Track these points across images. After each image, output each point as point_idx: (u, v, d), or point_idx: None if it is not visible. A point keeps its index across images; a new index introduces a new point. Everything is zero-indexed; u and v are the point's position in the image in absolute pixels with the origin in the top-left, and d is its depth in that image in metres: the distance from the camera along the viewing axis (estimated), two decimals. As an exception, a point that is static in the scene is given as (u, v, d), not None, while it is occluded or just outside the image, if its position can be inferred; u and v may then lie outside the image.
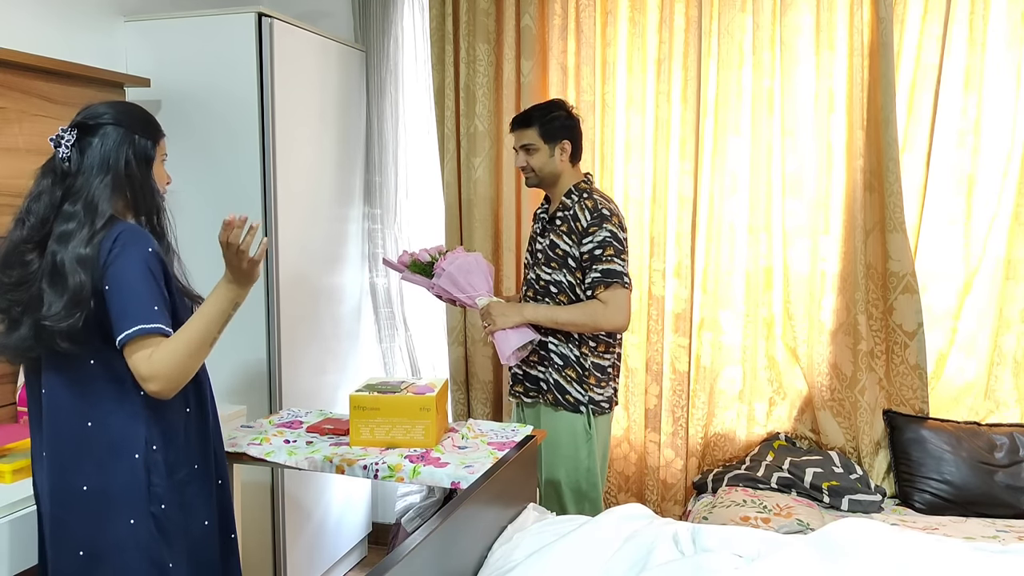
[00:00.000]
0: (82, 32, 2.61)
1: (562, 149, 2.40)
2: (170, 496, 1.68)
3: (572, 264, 2.36)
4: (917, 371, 2.84)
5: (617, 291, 2.30)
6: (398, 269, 2.57)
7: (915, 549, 1.53)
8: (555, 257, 2.39)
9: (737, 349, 3.04)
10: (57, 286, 1.58)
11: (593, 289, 2.32)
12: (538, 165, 2.41)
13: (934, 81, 2.78)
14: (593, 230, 2.31)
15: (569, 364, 2.39)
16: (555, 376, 2.40)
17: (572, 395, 2.39)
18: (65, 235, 1.61)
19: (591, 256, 2.31)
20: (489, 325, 2.38)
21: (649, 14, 3.00)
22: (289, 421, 2.25)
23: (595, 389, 2.40)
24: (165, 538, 1.67)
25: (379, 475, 1.90)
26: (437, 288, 2.45)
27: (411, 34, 3.30)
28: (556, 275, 2.39)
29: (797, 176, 2.92)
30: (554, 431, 2.41)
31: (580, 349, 2.39)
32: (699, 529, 1.73)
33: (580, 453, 2.40)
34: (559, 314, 2.35)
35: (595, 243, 2.31)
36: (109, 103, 1.75)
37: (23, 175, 2.31)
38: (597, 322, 2.33)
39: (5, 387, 2.29)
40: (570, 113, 2.45)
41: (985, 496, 2.67)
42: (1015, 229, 2.80)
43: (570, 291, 2.38)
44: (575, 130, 2.44)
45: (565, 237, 2.37)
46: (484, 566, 1.72)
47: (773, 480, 2.73)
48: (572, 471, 2.40)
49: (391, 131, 3.29)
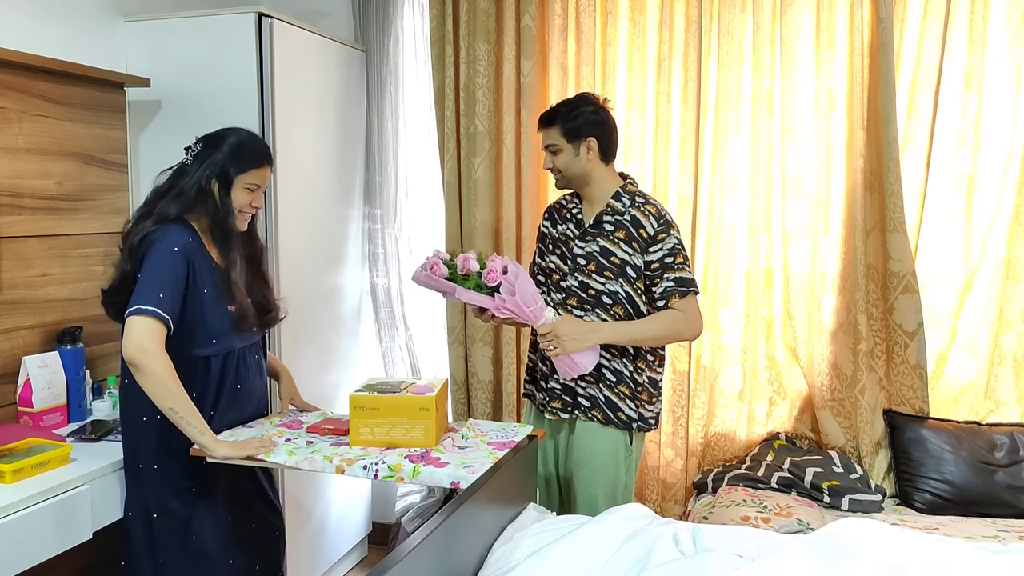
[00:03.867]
0: (82, 32, 2.61)
1: (588, 147, 2.23)
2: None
3: (632, 274, 2.21)
4: (917, 371, 2.84)
5: (691, 299, 2.21)
6: (444, 290, 2.16)
7: (915, 549, 1.53)
8: (610, 266, 2.22)
9: (737, 349, 3.04)
10: (116, 267, 2.03)
11: (667, 299, 2.19)
12: (563, 165, 2.26)
13: (934, 81, 2.78)
14: (662, 237, 2.20)
15: (622, 380, 2.25)
16: (607, 393, 2.25)
17: (624, 412, 2.25)
18: (137, 227, 2.00)
19: (662, 265, 2.19)
20: (555, 348, 2.12)
21: (649, 14, 3.00)
22: (289, 421, 2.25)
23: (646, 406, 2.28)
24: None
25: (379, 475, 1.90)
26: (501, 307, 2.09)
27: (411, 34, 3.30)
28: (612, 285, 2.23)
29: (797, 176, 2.92)
30: (595, 448, 2.27)
31: (635, 363, 2.25)
32: (699, 529, 1.73)
33: (619, 471, 2.29)
34: (638, 331, 2.19)
35: (665, 251, 2.19)
36: (232, 128, 2.11)
37: (23, 175, 2.32)
38: (679, 332, 2.22)
39: (5, 387, 2.29)
40: (599, 107, 2.27)
41: (985, 496, 2.67)
42: (1015, 229, 2.80)
43: (627, 302, 2.23)
44: (604, 125, 2.25)
45: (624, 245, 2.21)
46: (484, 566, 1.72)
47: (773, 480, 2.73)
48: (610, 489, 2.29)
49: (391, 131, 3.29)
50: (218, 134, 2.08)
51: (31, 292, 2.36)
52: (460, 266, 2.11)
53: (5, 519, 1.77)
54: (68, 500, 1.93)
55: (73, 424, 2.37)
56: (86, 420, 2.40)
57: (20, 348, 2.32)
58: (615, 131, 2.30)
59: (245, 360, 2.13)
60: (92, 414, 2.44)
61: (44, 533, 1.87)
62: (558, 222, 2.38)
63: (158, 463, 2.03)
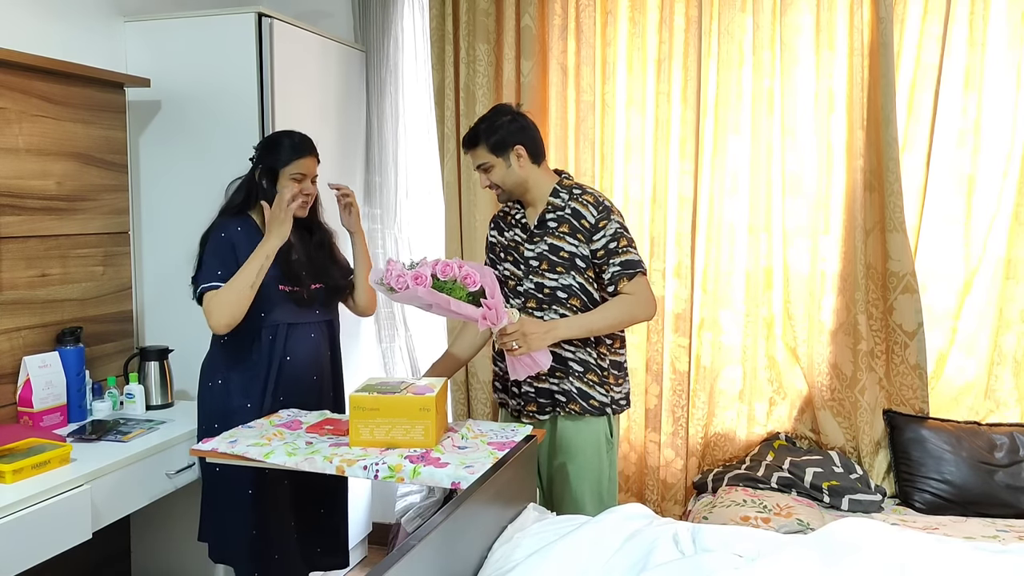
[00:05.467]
0: (82, 32, 2.61)
1: (517, 155, 2.23)
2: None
3: (582, 264, 2.24)
4: (917, 371, 2.84)
5: (640, 280, 2.23)
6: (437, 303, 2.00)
7: (915, 549, 1.53)
8: (560, 261, 2.25)
9: (737, 349, 3.04)
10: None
11: (616, 283, 2.22)
12: (499, 180, 2.26)
13: (934, 81, 2.78)
14: (603, 224, 2.22)
15: (589, 368, 2.27)
16: (578, 384, 2.27)
17: (596, 399, 2.27)
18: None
19: (607, 251, 2.22)
20: (520, 346, 2.12)
21: (649, 14, 3.00)
22: (289, 421, 2.25)
23: (615, 388, 2.31)
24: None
25: (379, 475, 1.90)
26: (486, 313, 2.01)
27: (411, 34, 3.30)
28: (564, 279, 2.25)
29: (797, 176, 2.92)
30: (577, 443, 2.28)
31: (597, 350, 2.28)
32: (699, 529, 1.73)
33: (603, 463, 2.31)
34: (594, 321, 2.22)
35: (608, 237, 2.22)
36: (280, 131, 2.36)
37: (23, 175, 2.32)
38: (634, 315, 2.24)
39: (5, 387, 2.29)
40: (515, 114, 2.27)
41: (985, 496, 2.67)
42: (1015, 229, 2.80)
43: (582, 293, 2.25)
44: (526, 130, 2.26)
45: (569, 238, 2.24)
46: (484, 566, 1.72)
47: (773, 480, 2.73)
48: (596, 483, 2.30)
49: (391, 131, 3.29)
50: (267, 137, 2.38)
51: (31, 292, 2.36)
52: (442, 273, 1.99)
53: (5, 519, 1.77)
54: (68, 500, 1.93)
55: (73, 424, 2.37)
56: (86, 420, 2.40)
57: (20, 348, 2.33)
58: (537, 132, 2.32)
59: (298, 336, 2.30)
60: (92, 414, 2.44)
61: (44, 533, 1.87)
62: (504, 229, 2.38)
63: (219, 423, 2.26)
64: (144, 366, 2.59)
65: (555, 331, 2.18)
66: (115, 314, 2.68)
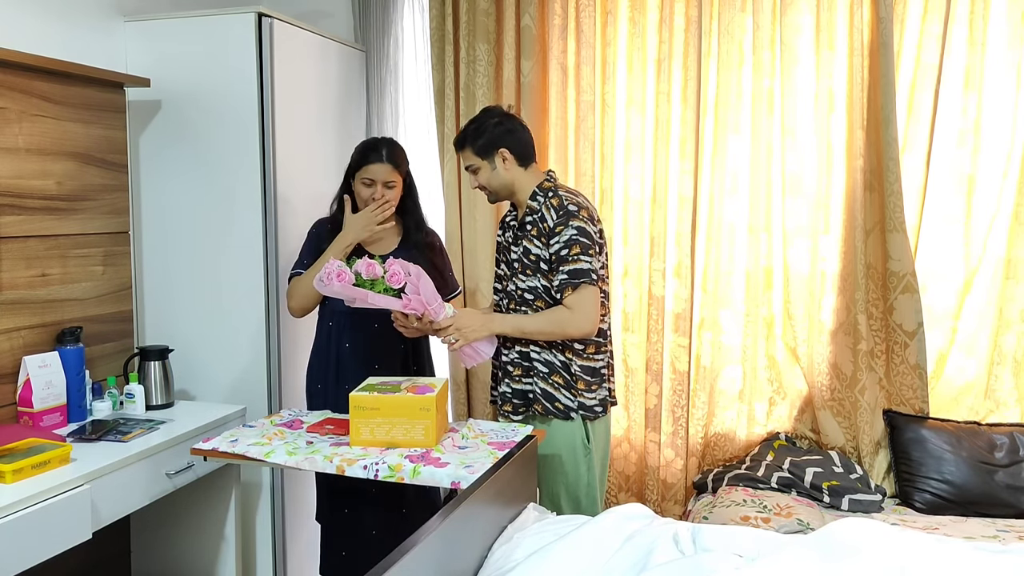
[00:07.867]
0: (82, 32, 2.61)
1: (503, 157, 2.24)
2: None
3: (544, 267, 2.22)
4: (917, 371, 2.84)
5: (584, 292, 2.16)
6: (355, 296, 2.14)
7: (916, 549, 1.53)
8: (529, 263, 2.25)
9: (737, 349, 3.04)
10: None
11: (562, 292, 2.18)
12: (485, 181, 2.29)
13: (934, 81, 2.78)
14: (559, 229, 2.18)
15: (555, 371, 2.25)
16: (542, 385, 2.26)
17: (561, 402, 2.24)
18: None
19: (558, 257, 2.18)
20: (456, 340, 2.21)
21: (649, 14, 3.00)
22: (289, 421, 2.25)
23: (585, 394, 2.25)
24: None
25: (379, 475, 1.90)
26: (408, 305, 2.15)
27: (411, 34, 3.30)
28: (531, 281, 2.25)
29: (797, 176, 2.92)
30: (550, 444, 2.27)
31: (564, 354, 2.25)
32: (699, 529, 1.73)
33: (580, 469, 2.27)
34: (525, 324, 2.23)
35: (561, 243, 2.18)
36: (372, 137, 2.64)
37: (23, 175, 2.32)
38: (565, 330, 2.19)
39: (5, 387, 2.29)
40: (503, 116, 2.27)
41: (985, 496, 2.67)
42: (1015, 229, 2.81)
43: (546, 294, 2.24)
44: (512, 132, 2.26)
45: (536, 241, 2.23)
46: (484, 566, 1.72)
47: (773, 480, 2.73)
48: (572, 487, 2.28)
49: (391, 131, 3.29)
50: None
51: (31, 292, 2.36)
52: (365, 272, 2.14)
53: (5, 519, 1.77)
54: (68, 500, 1.93)
55: (73, 424, 2.37)
56: (86, 420, 2.40)
57: (20, 348, 2.32)
58: (525, 133, 2.30)
59: (359, 325, 2.45)
60: (92, 414, 2.44)
61: (44, 533, 1.86)
62: (504, 230, 2.42)
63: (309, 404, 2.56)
64: (144, 366, 2.59)
65: (490, 324, 2.26)
66: (115, 314, 2.68)
